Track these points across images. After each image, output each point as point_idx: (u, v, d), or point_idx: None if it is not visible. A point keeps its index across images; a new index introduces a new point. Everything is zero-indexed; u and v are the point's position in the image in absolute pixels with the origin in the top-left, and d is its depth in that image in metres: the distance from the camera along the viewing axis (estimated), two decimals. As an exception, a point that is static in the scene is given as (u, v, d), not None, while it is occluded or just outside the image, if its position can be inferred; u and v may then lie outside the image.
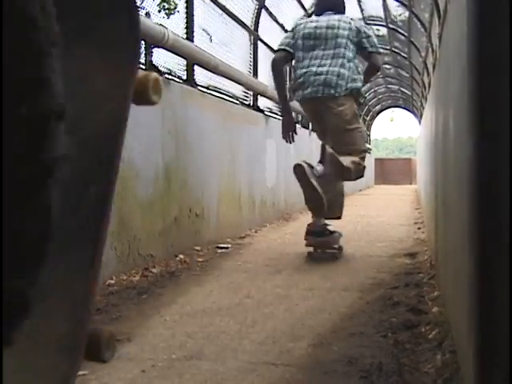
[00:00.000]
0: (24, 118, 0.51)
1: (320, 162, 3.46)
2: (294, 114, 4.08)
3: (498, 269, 0.95)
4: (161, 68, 3.68)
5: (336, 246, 3.73)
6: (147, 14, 3.69)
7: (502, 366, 0.92)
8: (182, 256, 3.53)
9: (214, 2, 4.72)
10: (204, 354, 1.80)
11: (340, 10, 3.81)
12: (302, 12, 7.30)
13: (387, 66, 12.89)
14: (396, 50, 10.26)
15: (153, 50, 3.59)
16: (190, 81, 4.16)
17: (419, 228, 5.25)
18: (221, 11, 4.91)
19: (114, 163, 0.77)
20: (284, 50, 3.71)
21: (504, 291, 0.94)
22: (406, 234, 4.85)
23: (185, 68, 4.12)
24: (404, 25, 8.31)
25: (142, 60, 3.54)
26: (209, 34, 4.72)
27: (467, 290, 1.14)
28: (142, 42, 3.54)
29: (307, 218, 6.65)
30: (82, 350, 0.73)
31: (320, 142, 3.67)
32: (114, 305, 2.38)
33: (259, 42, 5.98)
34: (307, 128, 7.66)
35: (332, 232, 3.70)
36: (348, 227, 5.59)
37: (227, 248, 4.04)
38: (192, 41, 4.14)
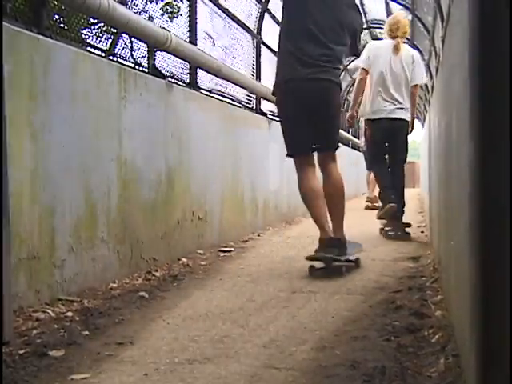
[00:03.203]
0: None
1: None
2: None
3: (500, 272, 0.95)
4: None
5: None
6: (150, 18, 3.70)
7: (504, 370, 0.92)
8: (184, 259, 3.53)
9: (217, 6, 4.73)
10: (207, 358, 1.79)
11: None
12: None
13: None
14: (399, 53, 10.24)
15: (156, 54, 3.60)
16: (193, 84, 4.17)
17: (422, 231, 5.23)
18: (224, 15, 4.93)
19: None
20: None
21: (505, 295, 0.93)
22: (409, 238, 4.84)
23: (188, 71, 4.13)
24: (407, 28, 8.31)
25: (145, 63, 3.55)
26: (212, 38, 4.73)
27: (469, 293, 1.14)
28: (145, 46, 3.55)
29: (310, 221, 6.64)
30: None
31: None
32: (116, 308, 2.38)
33: (262, 46, 5.98)
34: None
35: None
36: (351, 231, 5.57)
37: (230, 251, 4.04)
38: (195, 44, 4.15)
